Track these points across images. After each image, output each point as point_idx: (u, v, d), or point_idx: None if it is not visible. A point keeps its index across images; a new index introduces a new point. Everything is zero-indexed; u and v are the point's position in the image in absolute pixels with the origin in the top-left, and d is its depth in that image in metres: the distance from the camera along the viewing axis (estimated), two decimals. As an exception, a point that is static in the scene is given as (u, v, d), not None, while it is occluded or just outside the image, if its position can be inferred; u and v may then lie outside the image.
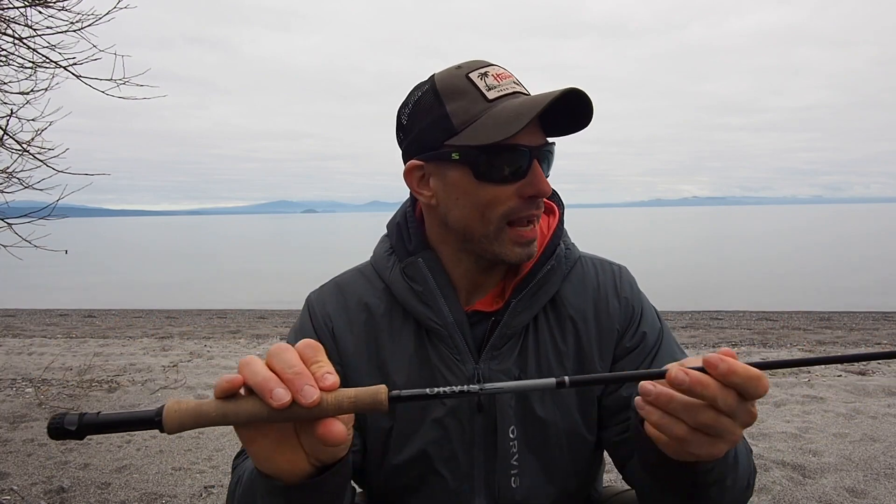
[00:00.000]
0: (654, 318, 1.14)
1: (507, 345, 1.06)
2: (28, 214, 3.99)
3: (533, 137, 1.00)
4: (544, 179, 1.01)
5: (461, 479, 1.06)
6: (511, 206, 1.00)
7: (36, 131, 3.99)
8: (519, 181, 1.00)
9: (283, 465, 0.70)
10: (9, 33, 3.83)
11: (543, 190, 1.00)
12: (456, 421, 1.06)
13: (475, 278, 1.10)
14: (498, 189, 1.00)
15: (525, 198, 1.00)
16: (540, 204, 1.03)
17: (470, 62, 1.04)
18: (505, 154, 0.98)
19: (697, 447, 0.70)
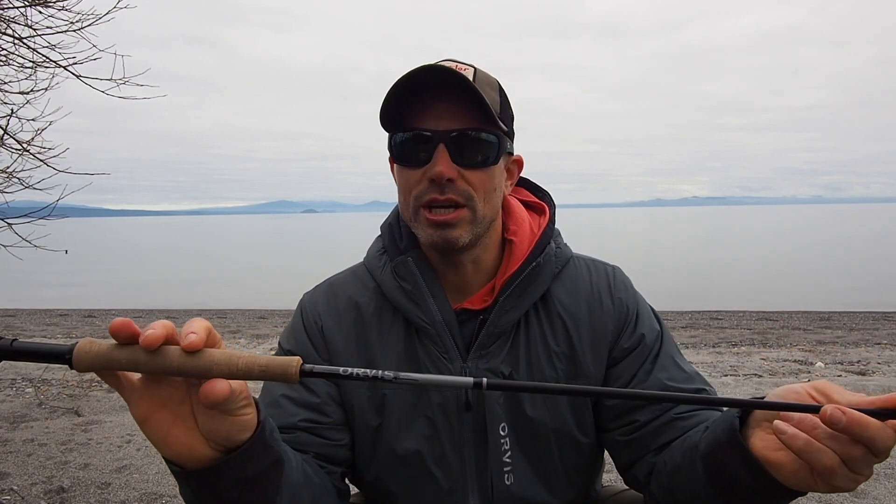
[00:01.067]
0: (651, 319, 1.13)
1: (496, 343, 1.06)
2: (28, 214, 3.98)
3: (446, 122, 1.00)
4: (441, 162, 0.99)
5: (454, 479, 1.06)
6: (419, 189, 1.02)
7: (36, 131, 3.99)
8: (424, 166, 1.01)
9: (181, 448, 0.70)
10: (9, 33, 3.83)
11: (436, 172, 0.99)
12: (445, 420, 1.06)
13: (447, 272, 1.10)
14: (409, 172, 1.04)
15: (429, 181, 1.01)
16: (448, 189, 1.00)
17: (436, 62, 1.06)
18: (408, 138, 1.03)
19: (842, 481, 0.68)
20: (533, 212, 1.20)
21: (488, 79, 1.07)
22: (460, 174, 1.01)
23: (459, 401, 1.05)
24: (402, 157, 1.04)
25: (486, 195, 1.04)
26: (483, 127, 1.02)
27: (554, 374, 1.07)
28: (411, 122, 1.02)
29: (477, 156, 1.02)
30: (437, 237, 1.02)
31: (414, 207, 1.03)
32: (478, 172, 1.02)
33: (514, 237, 1.11)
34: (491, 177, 1.04)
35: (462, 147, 1.01)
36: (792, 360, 6.46)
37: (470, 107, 1.00)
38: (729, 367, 6.11)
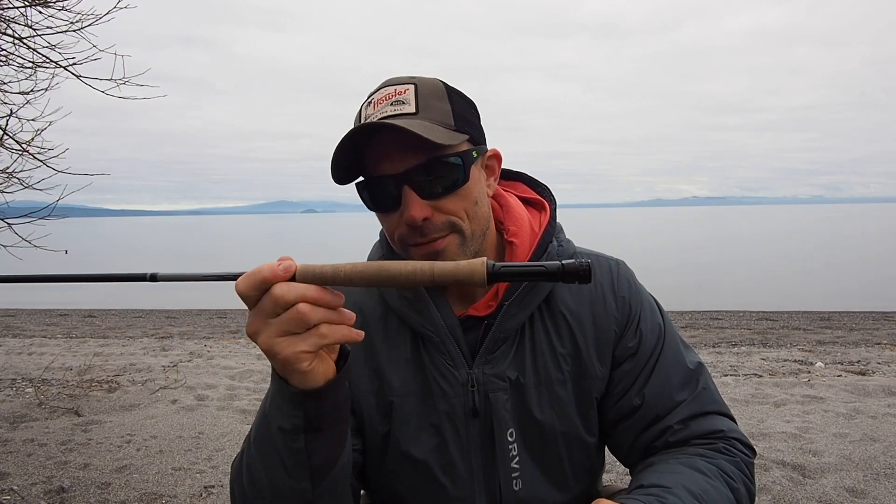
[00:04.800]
0: (653, 316, 1.12)
1: (501, 348, 1.05)
2: (28, 214, 3.98)
3: (400, 162, 0.97)
4: (412, 206, 0.97)
5: (461, 486, 1.05)
6: (401, 232, 1.01)
7: (36, 131, 3.99)
8: (398, 209, 0.99)
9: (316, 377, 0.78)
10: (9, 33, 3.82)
11: (409, 216, 0.97)
12: (452, 427, 1.05)
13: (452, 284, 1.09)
14: (385, 218, 1.04)
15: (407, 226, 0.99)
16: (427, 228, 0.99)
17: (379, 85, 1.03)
18: (371, 186, 1.01)
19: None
20: (532, 208, 1.17)
21: (434, 90, 1.01)
22: (435, 208, 0.98)
23: (466, 407, 1.04)
24: (374, 205, 1.03)
25: (470, 212, 1.01)
26: (441, 153, 0.97)
27: (560, 376, 1.06)
28: (371, 168, 1.00)
29: (445, 183, 0.99)
30: None
31: (402, 249, 1.04)
32: (452, 198, 0.99)
33: (515, 238, 1.10)
34: (468, 194, 1.01)
35: (426, 181, 0.98)
36: (792, 360, 6.45)
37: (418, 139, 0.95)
38: (729, 367, 6.11)
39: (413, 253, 1.02)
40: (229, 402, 4.89)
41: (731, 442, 1.02)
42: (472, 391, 1.04)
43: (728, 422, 1.06)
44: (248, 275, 0.73)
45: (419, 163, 0.97)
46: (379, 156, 0.99)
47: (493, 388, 1.04)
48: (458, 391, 1.05)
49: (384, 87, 1.01)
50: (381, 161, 0.98)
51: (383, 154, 0.98)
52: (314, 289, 0.73)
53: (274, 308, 0.72)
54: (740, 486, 0.98)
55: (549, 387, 1.06)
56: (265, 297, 0.73)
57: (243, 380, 5.67)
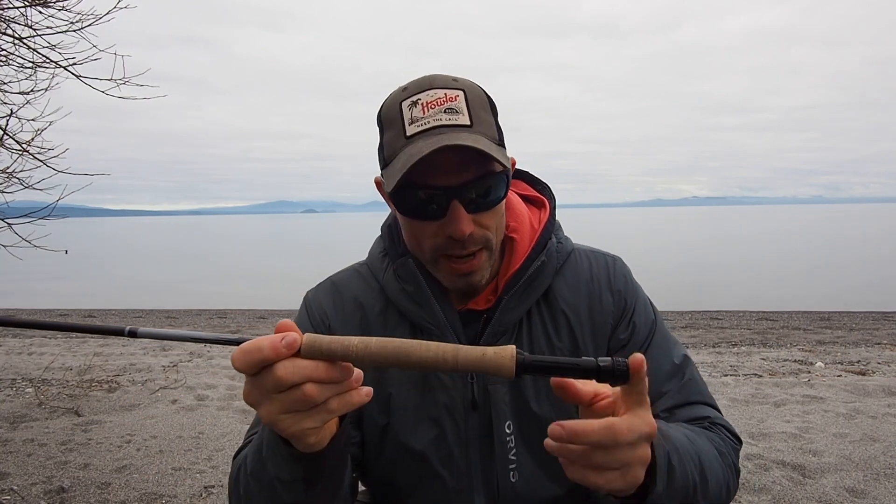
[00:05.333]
0: (646, 310, 1.13)
1: (500, 342, 1.07)
2: (28, 214, 3.99)
3: (453, 175, 0.96)
4: (461, 220, 0.96)
5: (459, 478, 1.06)
6: (437, 242, 1.00)
7: (36, 131, 3.99)
8: (440, 219, 0.98)
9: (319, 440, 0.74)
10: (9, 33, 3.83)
11: (457, 231, 0.96)
12: (451, 419, 1.06)
13: None
14: (422, 225, 1.01)
15: (447, 237, 0.99)
16: (468, 242, 0.99)
17: (416, 82, 1.01)
18: (418, 194, 0.98)
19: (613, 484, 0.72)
20: (532, 206, 1.19)
21: (480, 99, 1.01)
22: (475, 222, 0.99)
23: (466, 400, 1.06)
24: (411, 212, 1.00)
25: (499, 226, 1.04)
26: (492, 170, 0.98)
27: None
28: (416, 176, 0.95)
29: (490, 199, 1.00)
30: (461, 283, 1.03)
31: (432, 256, 1.02)
32: (490, 213, 1.01)
33: (515, 234, 1.11)
34: (501, 208, 1.03)
35: (474, 196, 0.98)
36: (792, 360, 6.46)
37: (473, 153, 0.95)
38: (729, 367, 6.11)
39: (443, 266, 1.02)
40: (229, 402, 4.90)
41: (717, 427, 1.03)
42: (472, 384, 1.06)
43: (713, 411, 1.07)
44: (246, 350, 0.67)
45: (472, 178, 0.97)
46: (434, 165, 0.94)
47: (492, 380, 1.06)
48: (458, 383, 1.06)
49: (431, 89, 0.98)
50: (430, 170, 0.95)
51: (437, 164, 0.94)
52: (322, 368, 0.67)
53: (276, 387, 0.67)
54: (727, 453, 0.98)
55: (546, 381, 1.07)
56: (267, 374, 0.67)
57: (243, 380, 5.66)
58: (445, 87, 0.99)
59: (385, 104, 1.03)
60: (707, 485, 0.88)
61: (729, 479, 0.96)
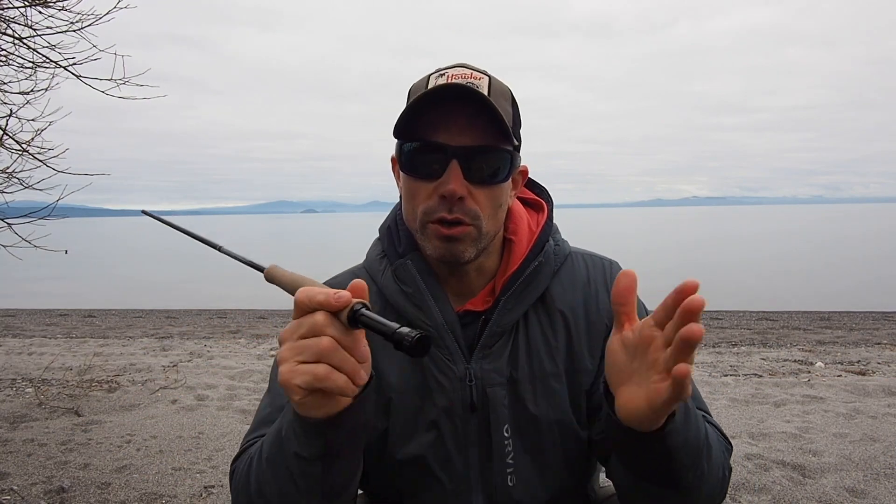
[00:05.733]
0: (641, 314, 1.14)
1: (498, 343, 1.07)
2: (28, 214, 3.99)
3: (460, 137, 0.99)
4: (454, 180, 0.98)
5: (458, 480, 1.06)
6: (429, 204, 1.01)
7: (36, 131, 3.99)
8: (436, 180, 1.00)
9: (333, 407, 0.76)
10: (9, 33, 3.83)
11: (449, 190, 0.98)
12: (450, 423, 1.06)
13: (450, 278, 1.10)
14: (419, 184, 1.02)
15: (440, 197, 1.00)
16: (456, 208, 1.00)
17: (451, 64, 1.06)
18: (421, 149, 1.01)
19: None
20: (531, 209, 1.20)
21: (503, 89, 1.05)
22: (469, 191, 1.00)
23: (465, 402, 1.06)
24: (412, 168, 1.02)
25: (492, 212, 1.04)
26: (497, 144, 1.01)
27: (554, 369, 1.08)
28: (424, 132, 1.00)
29: (488, 173, 1.01)
30: (444, 250, 1.02)
31: (422, 221, 1.03)
32: (486, 190, 1.02)
33: (514, 236, 1.12)
34: (499, 193, 1.04)
35: (474, 163, 1.00)
36: (792, 360, 6.45)
37: (485, 121, 0.99)
38: (729, 367, 6.11)
39: (431, 231, 1.02)
40: (229, 402, 4.89)
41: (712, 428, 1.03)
42: (471, 386, 1.06)
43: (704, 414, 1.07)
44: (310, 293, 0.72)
45: (477, 144, 0.99)
46: (439, 122, 0.99)
47: (491, 382, 1.06)
48: (457, 386, 1.06)
49: (459, 67, 1.04)
50: (439, 128, 0.99)
51: (445, 122, 0.99)
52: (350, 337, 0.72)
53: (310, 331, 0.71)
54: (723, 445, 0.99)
55: (543, 380, 1.08)
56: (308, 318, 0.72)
57: (243, 380, 5.68)
58: (475, 70, 1.04)
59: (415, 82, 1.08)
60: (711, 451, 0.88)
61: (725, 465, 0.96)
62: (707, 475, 0.87)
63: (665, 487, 0.86)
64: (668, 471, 0.83)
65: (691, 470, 0.84)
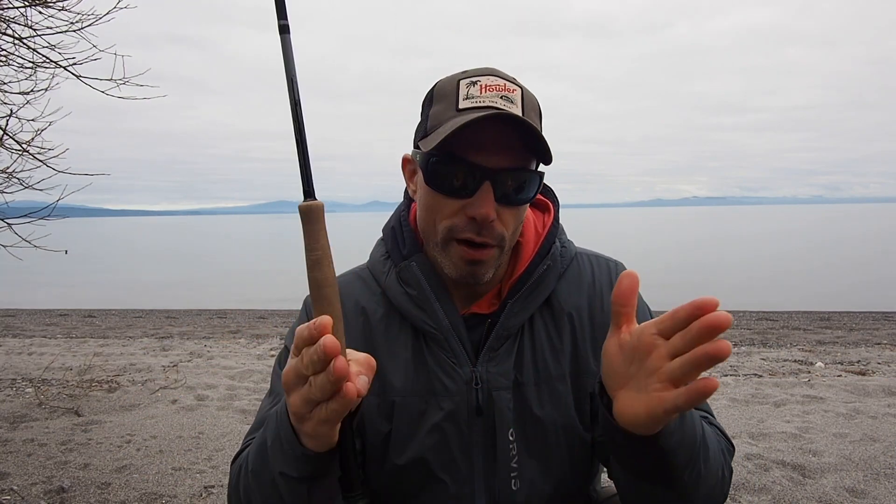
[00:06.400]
0: (646, 316, 1.13)
1: (504, 346, 1.06)
2: (28, 214, 3.99)
3: (495, 158, 0.96)
4: (487, 203, 0.95)
5: (461, 484, 1.05)
6: (455, 222, 0.99)
7: (36, 131, 3.99)
8: (466, 199, 0.97)
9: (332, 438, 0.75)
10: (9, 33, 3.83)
11: (481, 214, 0.95)
12: (454, 426, 1.05)
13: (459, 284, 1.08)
14: (445, 201, 0.99)
15: (469, 218, 0.97)
16: (485, 231, 0.98)
17: (479, 69, 1.03)
18: (452, 166, 0.97)
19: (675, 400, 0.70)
20: (536, 209, 1.19)
21: (533, 101, 1.02)
22: (498, 213, 0.98)
23: (470, 406, 1.05)
24: (439, 183, 0.98)
25: (515, 229, 1.03)
26: (529, 166, 1.00)
27: (559, 372, 1.08)
28: (455, 147, 0.95)
29: (519, 195, 1.00)
30: (467, 273, 1.01)
31: (445, 238, 1.00)
32: (513, 210, 1.00)
33: (521, 238, 1.11)
34: (523, 211, 1.03)
35: (506, 186, 0.98)
36: (792, 360, 6.45)
37: (519, 141, 0.97)
38: (729, 367, 6.11)
39: (456, 252, 1.00)
40: (229, 402, 4.89)
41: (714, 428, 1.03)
42: (476, 389, 1.05)
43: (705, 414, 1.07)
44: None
45: (511, 167, 0.97)
46: (476, 141, 0.95)
47: (497, 385, 1.05)
48: (462, 389, 1.05)
49: (491, 75, 1.00)
50: (474, 147, 0.95)
51: (482, 142, 0.95)
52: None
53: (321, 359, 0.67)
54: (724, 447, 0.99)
55: (548, 383, 1.07)
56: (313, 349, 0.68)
57: (243, 380, 5.68)
58: (506, 79, 1.01)
59: (440, 82, 1.04)
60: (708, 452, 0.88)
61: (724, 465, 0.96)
62: (704, 475, 0.87)
63: (661, 486, 0.86)
64: (664, 470, 0.83)
65: (687, 470, 0.84)
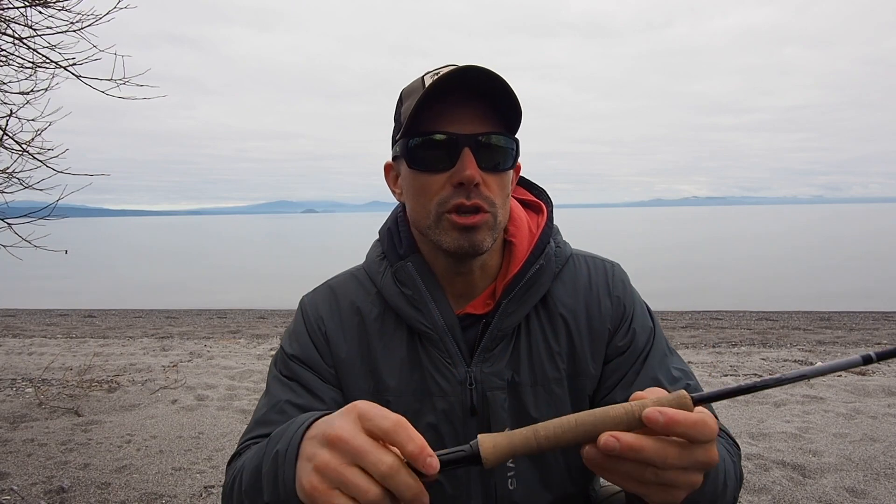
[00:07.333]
0: (645, 317, 1.13)
1: (499, 346, 1.06)
2: (28, 214, 3.98)
3: (468, 126, 0.99)
4: (469, 166, 0.97)
5: (457, 484, 1.05)
6: (442, 195, 1.00)
7: (36, 131, 3.99)
8: (449, 170, 0.99)
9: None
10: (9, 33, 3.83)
11: (466, 176, 0.97)
12: (449, 426, 1.05)
13: (455, 279, 1.09)
14: (430, 178, 1.01)
15: (455, 185, 0.99)
16: (473, 194, 0.99)
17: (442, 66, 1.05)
18: (430, 142, 1.00)
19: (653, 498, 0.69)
20: (530, 210, 1.19)
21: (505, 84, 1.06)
22: (483, 178, 1.00)
23: (465, 406, 1.05)
24: (422, 162, 1.01)
25: (503, 200, 1.04)
26: (504, 131, 1.02)
27: (556, 374, 1.08)
28: (430, 126, 0.99)
29: (498, 160, 1.02)
30: (464, 241, 1.01)
31: (437, 214, 1.01)
32: (497, 177, 1.02)
33: (514, 238, 1.11)
34: (507, 181, 1.05)
35: (485, 151, 1.00)
36: (792, 360, 6.46)
37: (489, 110, 1.00)
38: (729, 367, 6.11)
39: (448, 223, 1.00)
40: (229, 402, 4.90)
41: (721, 433, 1.03)
42: (471, 389, 1.05)
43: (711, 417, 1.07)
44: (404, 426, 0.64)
45: (487, 131, 0.99)
46: (443, 113, 0.98)
47: (492, 386, 1.05)
48: (457, 389, 1.05)
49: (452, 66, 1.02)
50: (445, 119, 0.99)
51: (449, 112, 0.98)
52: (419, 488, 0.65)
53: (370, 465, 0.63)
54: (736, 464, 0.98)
55: (545, 385, 1.07)
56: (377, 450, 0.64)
57: (243, 380, 5.68)
58: None
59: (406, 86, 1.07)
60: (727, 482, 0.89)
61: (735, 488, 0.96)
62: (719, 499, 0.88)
63: None
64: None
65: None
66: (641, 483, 0.67)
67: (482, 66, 0.95)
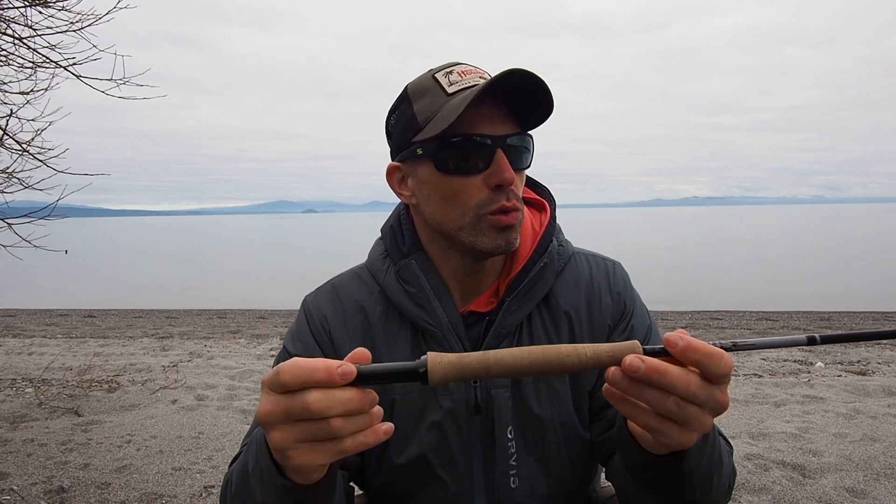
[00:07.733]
0: (644, 316, 1.15)
1: (502, 344, 1.06)
2: (28, 214, 3.99)
3: (497, 127, 0.99)
4: (507, 168, 0.98)
5: (460, 481, 1.06)
6: (481, 197, 1.00)
7: (36, 131, 3.99)
8: (483, 172, 1.00)
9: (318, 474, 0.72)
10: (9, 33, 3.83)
11: (507, 178, 0.98)
12: (454, 424, 1.06)
13: (465, 278, 1.10)
14: (464, 181, 1.00)
15: (492, 188, 1.00)
16: (511, 195, 1.01)
17: (442, 64, 1.05)
18: (463, 144, 0.99)
19: (666, 436, 0.69)
20: (533, 209, 1.19)
21: None
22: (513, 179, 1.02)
23: (469, 404, 1.05)
24: (455, 166, 1.00)
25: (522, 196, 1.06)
26: (527, 131, 1.04)
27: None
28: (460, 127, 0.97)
29: (525, 159, 1.04)
30: (501, 240, 1.01)
31: (476, 216, 1.01)
32: (520, 175, 1.04)
33: None
34: (524, 178, 1.07)
35: (513, 151, 1.01)
36: (792, 360, 6.45)
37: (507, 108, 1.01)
38: (729, 367, 6.10)
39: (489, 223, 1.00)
40: (229, 402, 4.90)
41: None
42: (475, 387, 1.05)
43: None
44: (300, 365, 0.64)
45: (513, 132, 1.01)
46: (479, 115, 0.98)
47: (496, 384, 1.06)
48: (461, 387, 1.06)
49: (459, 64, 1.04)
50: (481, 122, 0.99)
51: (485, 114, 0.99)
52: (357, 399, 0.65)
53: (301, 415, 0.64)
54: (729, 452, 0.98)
55: (547, 381, 1.08)
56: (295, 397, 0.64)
57: (243, 380, 5.68)
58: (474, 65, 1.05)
59: (411, 83, 1.05)
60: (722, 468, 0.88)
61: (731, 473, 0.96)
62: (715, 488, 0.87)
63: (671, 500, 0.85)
64: (678, 489, 0.82)
65: (700, 488, 0.84)
66: (661, 417, 0.67)
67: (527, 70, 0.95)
